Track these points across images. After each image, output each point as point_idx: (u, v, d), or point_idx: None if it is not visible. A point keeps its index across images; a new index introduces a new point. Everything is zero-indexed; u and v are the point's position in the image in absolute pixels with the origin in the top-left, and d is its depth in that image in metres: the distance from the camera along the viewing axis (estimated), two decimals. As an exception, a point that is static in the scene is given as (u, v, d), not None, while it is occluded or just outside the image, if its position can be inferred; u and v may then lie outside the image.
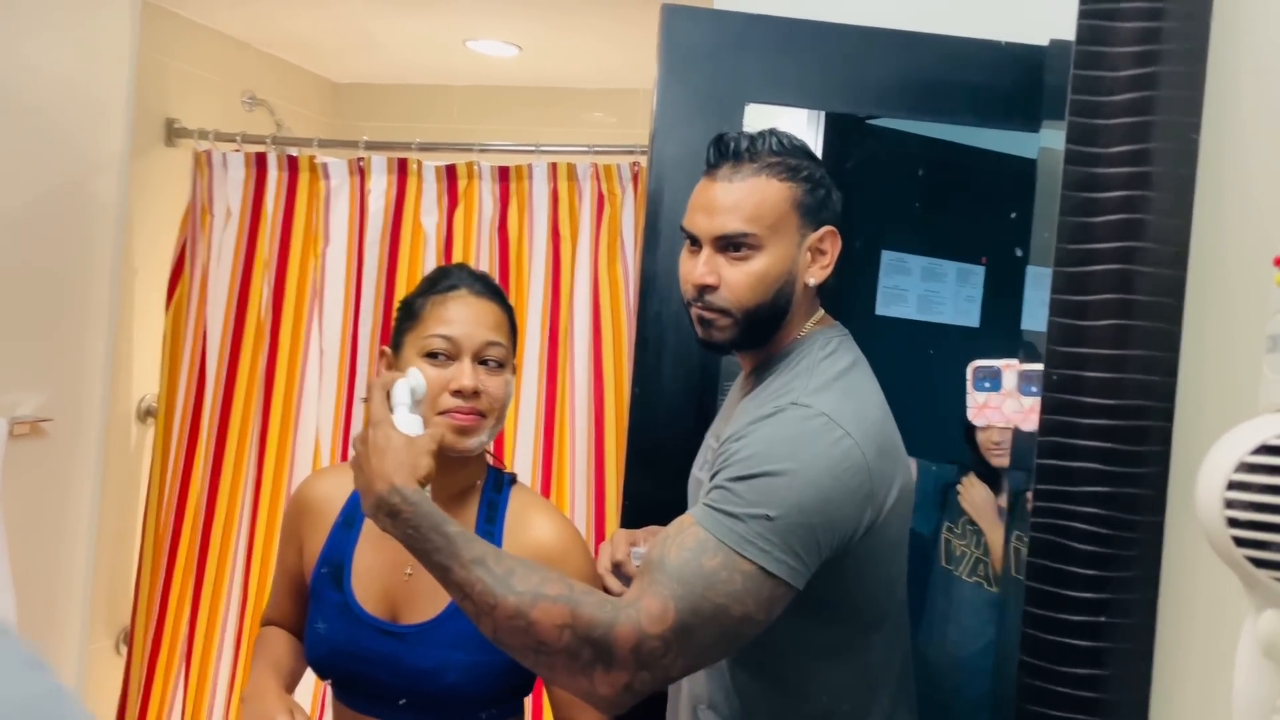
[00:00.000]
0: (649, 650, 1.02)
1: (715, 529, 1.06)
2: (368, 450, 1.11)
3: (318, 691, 2.31)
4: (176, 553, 2.50)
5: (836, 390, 1.16)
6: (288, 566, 1.38)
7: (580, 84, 3.09)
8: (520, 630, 1.03)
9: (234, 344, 2.50)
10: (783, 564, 1.05)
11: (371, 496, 1.09)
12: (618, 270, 2.35)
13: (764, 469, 1.07)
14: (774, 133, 1.23)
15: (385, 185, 2.45)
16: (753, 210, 1.18)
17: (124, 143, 2.47)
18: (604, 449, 2.33)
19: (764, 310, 1.20)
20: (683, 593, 1.03)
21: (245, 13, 2.65)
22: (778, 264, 1.19)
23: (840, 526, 1.09)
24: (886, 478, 1.14)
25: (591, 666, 1.02)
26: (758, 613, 1.05)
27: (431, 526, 1.06)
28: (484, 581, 1.03)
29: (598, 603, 1.04)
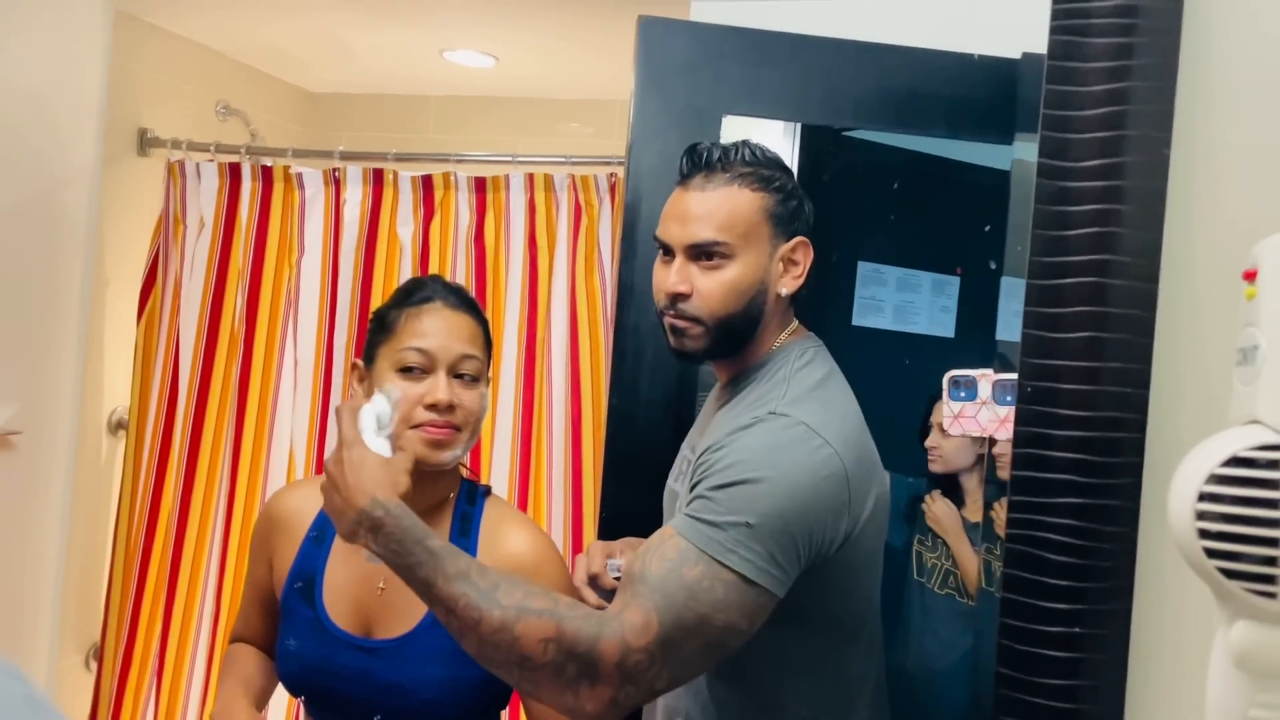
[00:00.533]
0: (634, 664, 1.01)
1: (696, 538, 1.05)
2: (343, 469, 1.09)
3: (290, 709, 2.29)
4: (148, 567, 2.47)
5: (814, 400, 1.16)
6: (257, 582, 1.37)
7: (557, 94, 3.09)
8: (504, 645, 1.01)
9: (207, 355, 2.48)
10: (764, 572, 1.05)
11: (351, 513, 1.07)
12: (595, 281, 2.35)
13: (744, 477, 1.07)
14: (747, 144, 1.24)
15: (361, 195, 2.44)
16: (725, 219, 1.19)
17: (95, 152, 2.45)
18: (581, 460, 2.32)
19: (736, 319, 1.20)
20: (665, 604, 1.02)
21: (219, 21, 2.63)
22: (750, 273, 1.20)
23: (819, 535, 1.09)
24: (864, 488, 1.14)
25: (576, 682, 1.01)
26: (740, 621, 1.05)
27: (415, 541, 1.05)
28: (468, 596, 1.02)
29: (583, 616, 1.03)
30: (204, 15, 2.58)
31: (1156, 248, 0.82)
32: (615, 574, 1.29)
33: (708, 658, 1.08)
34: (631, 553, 1.33)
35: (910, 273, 1.96)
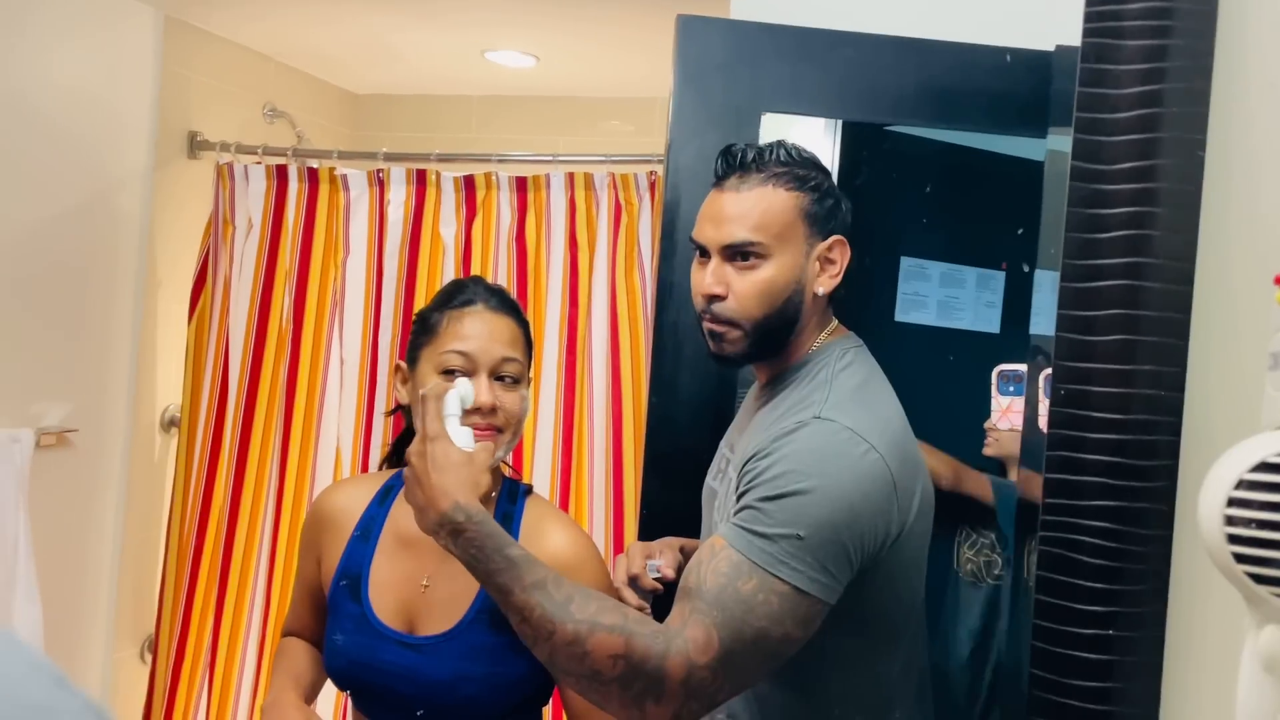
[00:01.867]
0: (698, 681, 1.03)
1: (748, 550, 1.06)
2: (427, 466, 1.10)
3: (338, 703, 2.33)
4: (200, 561, 2.53)
5: (858, 403, 1.16)
6: (306, 578, 1.40)
7: (597, 93, 3.10)
8: (576, 658, 1.03)
9: (256, 354, 2.53)
10: (816, 582, 1.05)
11: (434, 514, 1.09)
12: (635, 279, 2.36)
13: (792, 488, 1.07)
14: (781, 144, 1.24)
15: (404, 196, 2.47)
16: (759, 219, 1.19)
17: (148, 156, 2.51)
18: (622, 459, 2.34)
19: (773, 320, 1.20)
20: (724, 620, 1.03)
21: (266, 26, 2.68)
22: (785, 273, 1.20)
23: (869, 540, 1.09)
24: (909, 490, 1.14)
25: (643, 698, 1.03)
26: (795, 631, 1.06)
27: (495, 548, 1.07)
28: (543, 607, 1.04)
29: (651, 634, 1.04)
30: (251, 20, 2.63)
31: (1191, 250, 0.81)
32: (655, 574, 1.30)
33: (765, 667, 1.09)
34: (671, 553, 1.34)
35: (954, 268, 1.95)
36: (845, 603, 1.10)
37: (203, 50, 2.68)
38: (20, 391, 2.20)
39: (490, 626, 1.26)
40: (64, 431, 2.30)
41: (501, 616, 1.26)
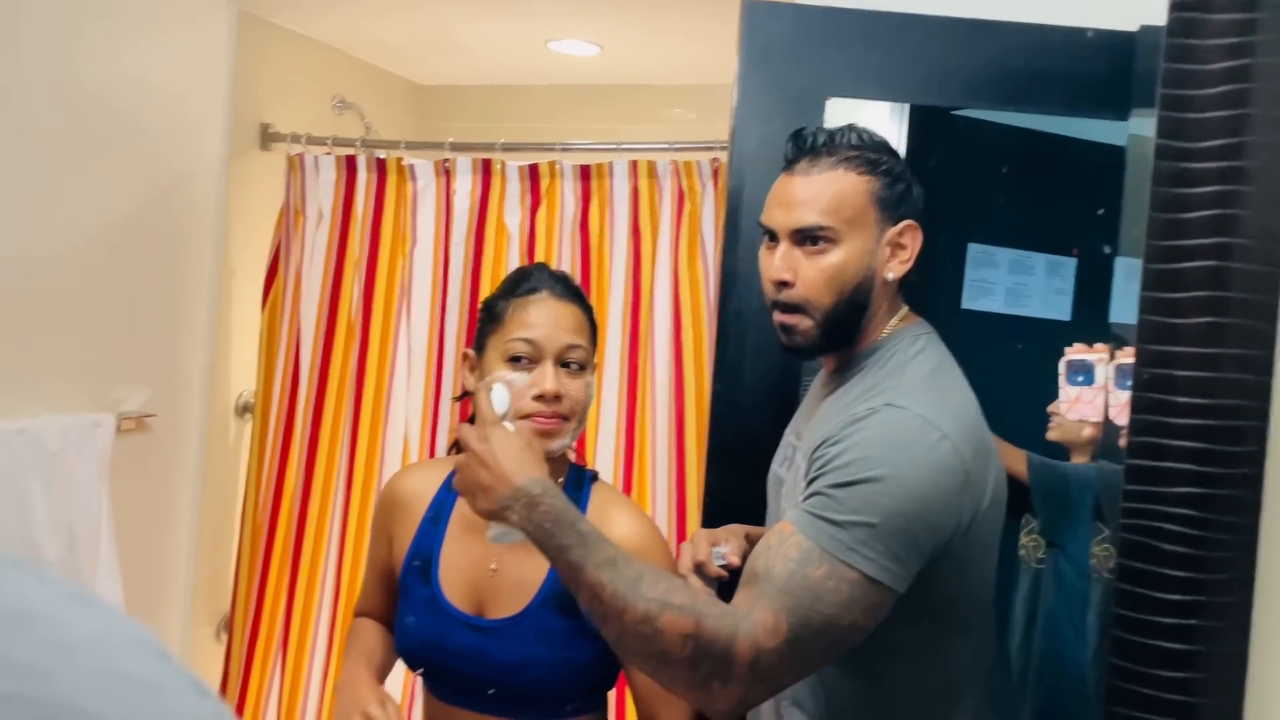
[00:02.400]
0: (766, 664, 1.03)
1: (818, 537, 1.06)
2: (490, 448, 1.12)
3: (407, 681, 2.37)
4: (273, 544, 2.59)
5: (930, 390, 1.15)
6: (378, 560, 1.42)
7: (660, 80, 3.10)
8: (645, 637, 1.04)
9: (326, 342, 2.58)
10: (887, 570, 1.05)
11: (505, 489, 1.10)
12: (698, 267, 2.36)
13: (864, 475, 1.06)
14: (853, 127, 1.23)
15: (470, 185, 2.50)
16: (829, 203, 1.18)
17: (222, 148, 2.57)
18: (685, 447, 2.34)
19: (841, 307, 1.19)
20: (792, 605, 1.03)
21: (335, 19, 2.73)
22: (855, 258, 1.19)
23: (940, 529, 1.08)
24: (982, 478, 1.13)
25: (710, 679, 1.03)
26: (863, 619, 1.05)
27: (569, 523, 1.08)
28: (614, 585, 1.05)
29: (720, 615, 1.04)
30: (321, 13, 2.68)
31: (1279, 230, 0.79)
32: (720, 562, 1.30)
33: (831, 654, 1.09)
34: (736, 540, 1.34)
35: (1024, 254, 1.91)
36: (915, 591, 1.09)
37: (274, 44, 2.73)
38: (102, 377, 2.27)
39: (557, 611, 1.27)
40: (143, 416, 2.36)
41: (568, 601, 1.27)
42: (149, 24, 2.34)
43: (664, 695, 1.28)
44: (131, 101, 2.30)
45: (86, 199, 2.20)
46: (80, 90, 2.17)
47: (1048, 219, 1.93)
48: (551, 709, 1.29)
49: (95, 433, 2.19)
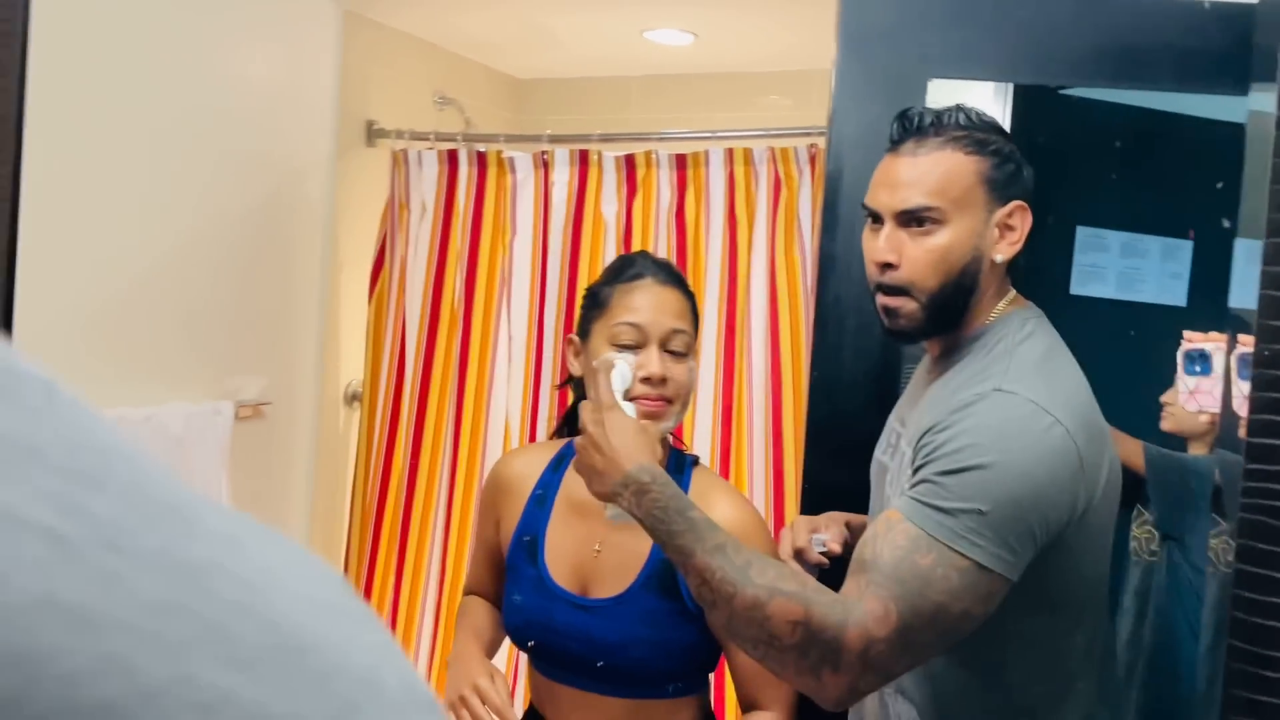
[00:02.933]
0: (876, 654, 1.02)
1: (926, 524, 1.05)
2: (605, 431, 1.14)
3: (512, 656, 2.43)
4: (381, 525, 2.68)
5: (1041, 375, 1.13)
6: (485, 540, 1.47)
7: (756, 68, 3.09)
8: (756, 623, 1.04)
9: (430, 332, 2.65)
10: (998, 558, 1.03)
11: (617, 475, 1.12)
12: (794, 254, 2.34)
13: (973, 462, 1.05)
14: (960, 107, 1.21)
15: (568, 177, 2.53)
16: (936, 183, 1.16)
17: (330, 145, 2.66)
18: (781, 434, 2.33)
19: (948, 290, 1.17)
20: (901, 593, 1.03)
21: (435, 15, 2.79)
22: (962, 239, 1.16)
23: (1054, 517, 1.06)
24: (1096, 464, 1.10)
25: (819, 666, 1.03)
26: (975, 607, 1.04)
27: (678, 509, 1.09)
28: (724, 570, 1.05)
29: (830, 603, 1.04)
30: (422, 10, 2.74)
31: None
32: (821, 549, 1.30)
33: (943, 643, 1.08)
34: (837, 528, 1.34)
35: (1136, 237, 1.85)
36: (1026, 580, 1.07)
37: (378, 42, 2.81)
38: (221, 367, 2.38)
39: (659, 592, 1.29)
40: (259, 404, 2.47)
41: (670, 583, 1.29)
42: (261, 28, 2.43)
43: (764, 678, 1.29)
44: (246, 103, 2.40)
45: (206, 198, 2.31)
46: (199, 95, 2.27)
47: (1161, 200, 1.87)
48: (654, 688, 1.31)
49: (215, 420, 2.29)
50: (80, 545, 0.22)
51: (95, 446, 0.24)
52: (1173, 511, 1.63)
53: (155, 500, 0.24)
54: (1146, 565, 1.66)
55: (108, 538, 0.22)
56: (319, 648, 0.24)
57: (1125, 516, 1.70)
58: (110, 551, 0.22)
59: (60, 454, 0.23)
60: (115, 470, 0.24)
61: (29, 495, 0.22)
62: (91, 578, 0.21)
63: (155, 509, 0.24)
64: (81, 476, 0.23)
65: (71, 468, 0.23)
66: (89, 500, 0.23)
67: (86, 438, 0.24)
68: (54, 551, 0.21)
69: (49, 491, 0.22)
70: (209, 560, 0.24)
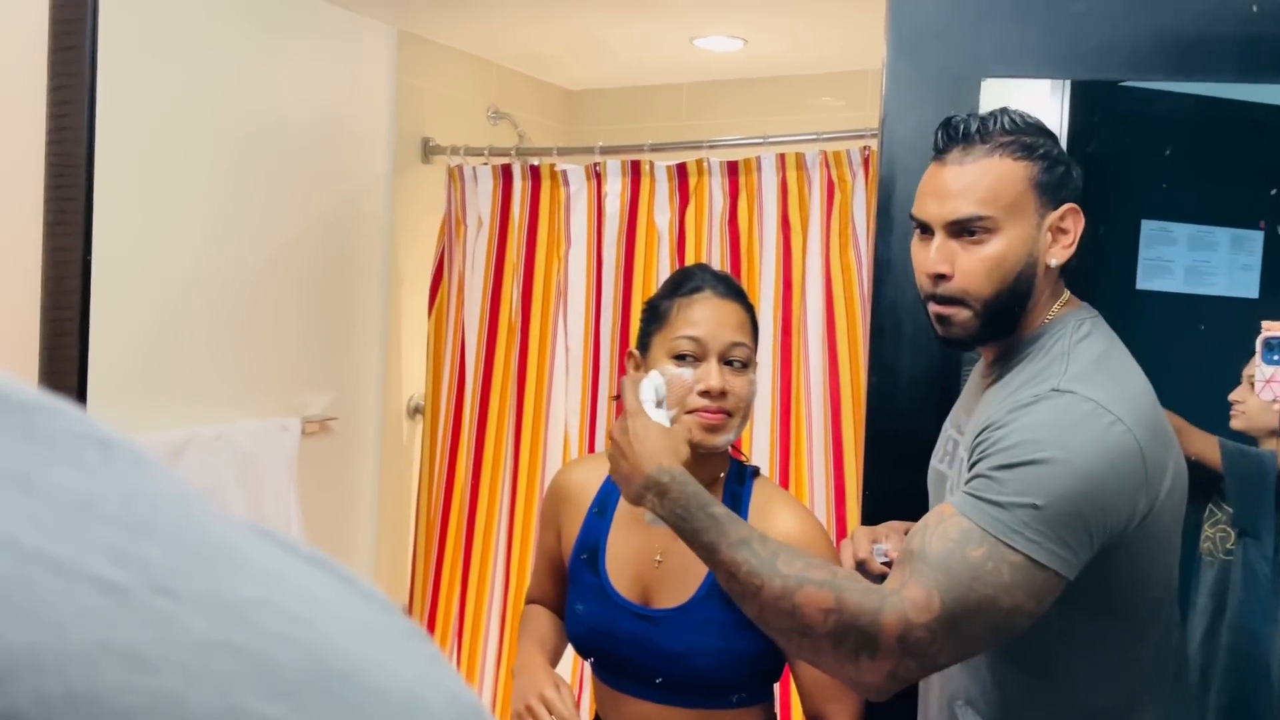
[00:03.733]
0: (915, 640, 1.01)
1: (979, 518, 1.03)
2: (629, 438, 1.17)
3: (576, 666, 2.44)
4: (446, 536, 2.72)
5: (1100, 374, 1.11)
6: (547, 550, 1.48)
7: (806, 70, 3.07)
8: (785, 613, 1.04)
9: (489, 345, 2.68)
10: (1052, 554, 1.02)
11: (639, 478, 1.14)
12: (850, 258, 2.33)
13: (1030, 457, 1.04)
14: (1006, 111, 1.19)
15: (620, 188, 2.55)
16: (986, 191, 1.15)
17: (387, 163, 2.71)
18: (841, 441, 2.32)
19: (1003, 297, 1.16)
20: (948, 583, 1.02)
21: (486, 31, 2.82)
22: (1016, 246, 1.15)
23: (1114, 516, 1.04)
24: (1160, 464, 1.08)
25: (856, 653, 1.03)
26: (1027, 604, 1.02)
27: (699, 506, 1.11)
28: (750, 563, 1.06)
29: (863, 590, 1.04)
30: (473, 27, 2.78)
31: None
32: (882, 559, 1.29)
33: (994, 637, 1.06)
34: (897, 537, 1.33)
35: (1204, 229, 1.81)
36: (1090, 582, 1.05)
37: (431, 60, 2.85)
38: (288, 384, 2.44)
39: (721, 601, 1.29)
40: (325, 420, 2.52)
41: (732, 592, 1.29)
42: (317, 52, 2.49)
43: (830, 690, 1.28)
44: (306, 126, 2.46)
45: (269, 220, 2.37)
46: (260, 120, 2.33)
47: (1229, 190, 1.82)
48: (718, 698, 1.31)
49: (283, 436, 2.35)
50: (133, 592, 0.23)
51: (148, 496, 0.26)
52: (1250, 508, 1.59)
53: (204, 543, 0.26)
54: (1221, 564, 1.62)
55: (159, 583, 0.24)
56: (362, 672, 0.26)
57: (1195, 515, 1.66)
58: (162, 596, 0.24)
59: (114, 507, 0.25)
60: (167, 518, 0.26)
61: (86, 548, 0.23)
62: (145, 622, 0.23)
63: (205, 551, 0.25)
64: (134, 526, 0.25)
65: (125, 519, 0.25)
66: (141, 548, 0.24)
67: (140, 488, 0.26)
68: (109, 600, 0.23)
69: (105, 543, 0.24)
70: (254, 597, 0.25)
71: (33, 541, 0.23)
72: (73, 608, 0.22)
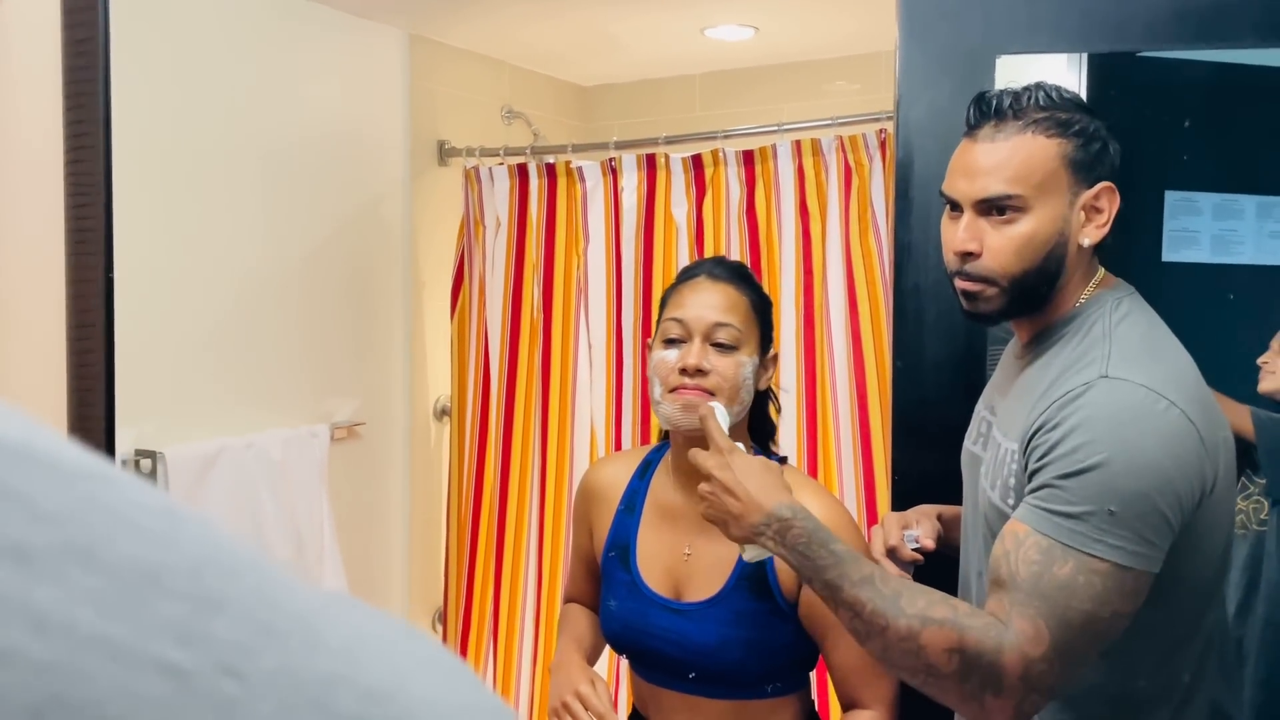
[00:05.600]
0: (1037, 674, 1.01)
1: (1057, 534, 1.02)
2: (737, 476, 1.14)
3: (612, 662, 2.45)
4: (477, 538, 2.73)
5: (1147, 357, 1.08)
6: (580, 548, 1.49)
7: (819, 55, 3.05)
8: (910, 653, 1.04)
9: (512, 344, 2.69)
10: (1136, 555, 1.01)
11: (758, 516, 1.12)
12: (870, 242, 2.31)
13: (1092, 461, 1.01)
14: (1041, 86, 1.16)
15: (636, 182, 2.54)
16: (1017, 170, 1.12)
17: (404, 167, 2.72)
18: (869, 427, 2.30)
19: (1031, 277, 1.14)
20: (1049, 610, 1.01)
21: (497, 31, 2.83)
22: (1046, 226, 1.13)
23: (1185, 502, 1.03)
24: (1215, 441, 1.07)
25: (981, 692, 1.02)
26: (1123, 607, 1.02)
27: (821, 543, 1.09)
28: (875, 603, 1.05)
29: (983, 627, 1.03)
30: (484, 27, 2.78)
31: None
32: (913, 545, 1.28)
33: (1097, 649, 1.05)
34: (928, 522, 1.31)
35: (1229, 198, 1.79)
36: (1161, 570, 1.04)
37: (444, 62, 2.86)
38: (316, 392, 2.46)
39: (751, 593, 1.29)
40: (353, 425, 2.54)
41: (761, 583, 1.29)
42: (331, 60, 2.50)
43: (864, 676, 1.28)
44: (323, 134, 2.47)
45: (289, 229, 2.38)
46: (278, 129, 2.34)
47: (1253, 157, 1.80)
48: (753, 689, 1.32)
49: (312, 442, 2.37)
50: (199, 676, 0.22)
51: (219, 565, 0.24)
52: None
53: (279, 614, 0.24)
54: (1255, 536, 1.60)
55: (227, 663, 0.22)
56: None
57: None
58: (229, 678, 0.22)
59: (182, 578, 0.23)
60: (238, 587, 0.24)
61: (149, 627, 0.22)
62: (209, 709, 0.22)
63: (279, 624, 0.24)
64: (203, 600, 0.23)
65: (192, 591, 0.23)
66: (209, 624, 0.23)
67: (209, 555, 0.24)
68: (171, 686, 0.21)
69: (169, 620, 0.22)
70: (330, 673, 0.24)
71: (91, 623, 0.21)
72: (130, 700, 0.21)
